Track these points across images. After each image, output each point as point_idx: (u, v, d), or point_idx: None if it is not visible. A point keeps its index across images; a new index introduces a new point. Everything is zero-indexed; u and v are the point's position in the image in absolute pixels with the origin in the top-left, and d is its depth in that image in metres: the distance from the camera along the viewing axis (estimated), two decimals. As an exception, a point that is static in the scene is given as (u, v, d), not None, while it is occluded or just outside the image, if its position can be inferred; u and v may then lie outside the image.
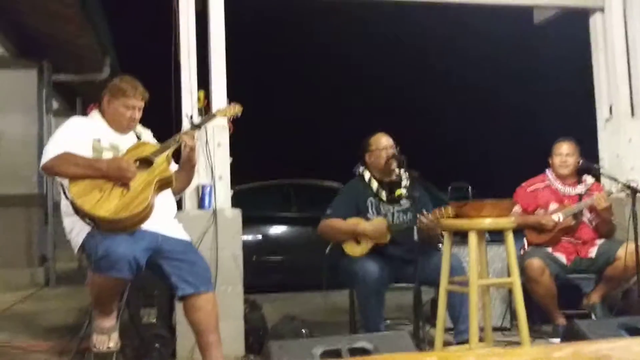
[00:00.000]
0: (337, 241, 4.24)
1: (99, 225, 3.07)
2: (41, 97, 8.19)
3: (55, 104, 9.56)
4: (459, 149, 18.76)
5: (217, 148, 4.32)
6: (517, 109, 17.92)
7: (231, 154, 4.38)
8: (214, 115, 3.87)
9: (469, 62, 17.49)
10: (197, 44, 4.42)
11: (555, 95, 16.34)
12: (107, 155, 3.32)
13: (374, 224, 4.14)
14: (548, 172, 4.77)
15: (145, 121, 3.65)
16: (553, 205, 4.63)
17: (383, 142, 4.31)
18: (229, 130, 4.32)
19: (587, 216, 4.63)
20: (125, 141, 3.46)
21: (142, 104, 3.49)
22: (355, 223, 4.17)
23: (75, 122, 3.47)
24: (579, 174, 4.73)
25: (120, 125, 3.46)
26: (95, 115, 3.50)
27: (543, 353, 0.77)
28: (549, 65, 15.92)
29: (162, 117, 4.22)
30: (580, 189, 4.66)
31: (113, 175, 3.15)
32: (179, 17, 4.37)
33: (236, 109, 3.91)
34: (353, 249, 4.15)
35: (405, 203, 4.28)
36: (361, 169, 4.38)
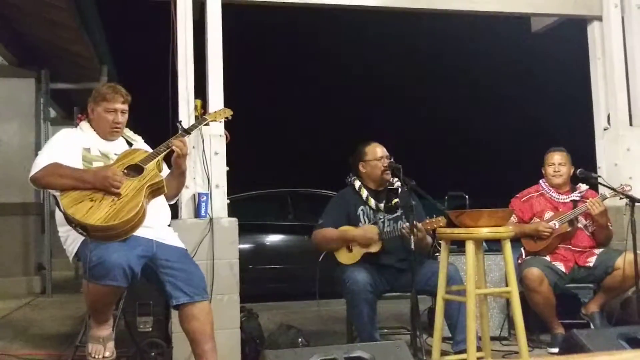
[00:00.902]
0: (331, 250, 4.24)
1: (91, 234, 3.05)
2: (39, 106, 8.20)
3: (52, 113, 9.57)
4: (455, 157, 18.78)
5: (214, 157, 4.31)
6: (515, 117, 17.95)
7: (228, 163, 4.37)
8: (204, 119, 3.87)
9: (466, 71, 17.52)
10: (194, 53, 4.42)
11: (553, 103, 16.37)
12: (98, 164, 3.31)
13: (364, 229, 4.15)
14: (542, 182, 4.79)
15: (142, 129, 3.64)
16: (548, 214, 4.63)
17: (379, 152, 4.31)
18: (226, 139, 4.32)
19: (582, 222, 4.63)
20: (116, 148, 3.46)
21: (124, 107, 3.48)
22: (345, 230, 4.17)
23: (64, 134, 3.46)
24: (574, 182, 4.75)
25: (105, 131, 3.45)
26: (84, 126, 3.51)
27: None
28: (547, 74, 15.96)
29: (160, 126, 4.22)
30: (574, 196, 4.67)
31: (100, 185, 3.14)
32: (177, 27, 4.37)
33: (226, 112, 3.93)
34: (344, 257, 4.15)
35: (397, 212, 4.27)
36: (352, 178, 4.38)
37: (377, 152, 4.33)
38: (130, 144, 3.53)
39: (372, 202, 4.27)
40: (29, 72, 8.13)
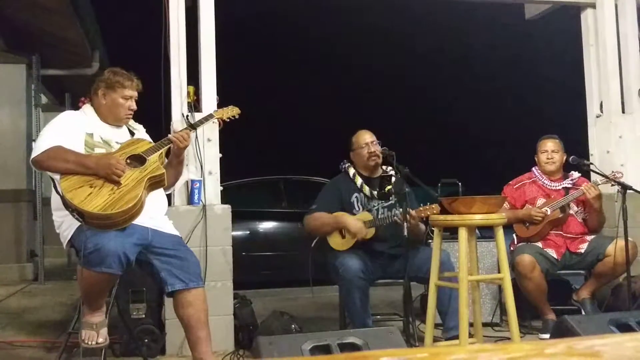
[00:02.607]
0: (322, 234, 4.24)
1: (87, 221, 3.04)
2: (30, 92, 8.13)
3: (44, 99, 9.50)
4: (448, 144, 18.79)
5: (207, 143, 4.30)
6: (508, 104, 17.96)
7: (221, 150, 4.36)
8: (211, 116, 3.84)
9: (459, 58, 17.50)
10: (187, 40, 4.39)
11: (546, 90, 16.39)
12: (99, 150, 3.29)
13: (357, 217, 4.14)
14: (534, 169, 4.80)
15: (135, 116, 3.63)
16: (540, 201, 4.65)
17: (365, 139, 4.30)
18: (219, 125, 4.30)
19: (574, 209, 4.66)
20: (118, 136, 3.44)
21: (136, 94, 3.48)
22: (338, 215, 4.17)
23: (67, 116, 3.44)
24: (566, 170, 4.76)
25: (118, 117, 3.43)
26: (87, 110, 3.46)
27: (536, 349, 0.76)
28: (540, 61, 15.96)
29: (152, 113, 4.20)
30: (566, 183, 4.69)
31: (102, 172, 3.12)
32: (169, 12, 4.35)
33: (234, 111, 3.89)
34: (337, 243, 4.15)
35: (391, 199, 4.28)
36: (346, 165, 4.38)
37: (361, 139, 4.32)
38: (132, 133, 3.51)
39: (366, 189, 4.26)
40: (19, 57, 8.06)
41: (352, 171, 4.34)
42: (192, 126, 3.70)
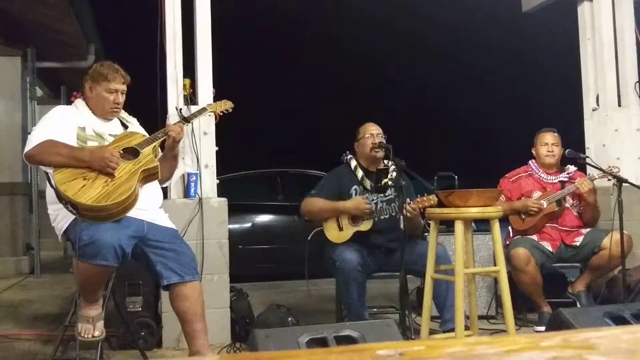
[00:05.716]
0: (319, 219, 4.24)
1: (81, 213, 3.04)
2: (25, 85, 8.11)
3: (39, 92, 9.47)
4: (444, 137, 18.80)
5: (203, 137, 4.30)
6: (505, 97, 17.97)
7: (217, 143, 4.35)
8: (204, 109, 3.84)
9: (455, 50, 17.48)
10: (183, 32, 4.38)
11: (542, 83, 16.40)
12: (92, 143, 3.29)
13: (356, 200, 4.14)
14: (531, 162, 4.81)
15: (130, 109, 3.62)
16: (536, 194, 4.67)
17: (371, 130, 4.31)
18: (215, 118, 4.29)
19: (570, 202, 4.67)
20: (110, 129, 3.43)
21: (124, 88, 3.46)
22: (337, 201, 4.17)
23: (59, 111, 3.44)
24: (562, 164, 4.78)
25: (104, 110, 3.43)
26: (79, 104, 3.47)
27: (532, 341, 0.76)
28: (537, 54, 15.96)
29: (147, 106, 4.19)
30: (562, 177, 4.70)
31: (96, 165, 3.12)
32: (165, 4, 4.33)
33: (227, 105, 3.90)
34: (335, 235, 4.15)
35: (390, 193, 4.28)
36: (349, 156, 4.38)
37: (367, 129, 4.33)
38: (125, 126, 3.51)
39: (367, 182, 4.26)
40: (14, 50, 8.03)
41: (353, 163, 4.33)
42: (186, 120, 3.69)
